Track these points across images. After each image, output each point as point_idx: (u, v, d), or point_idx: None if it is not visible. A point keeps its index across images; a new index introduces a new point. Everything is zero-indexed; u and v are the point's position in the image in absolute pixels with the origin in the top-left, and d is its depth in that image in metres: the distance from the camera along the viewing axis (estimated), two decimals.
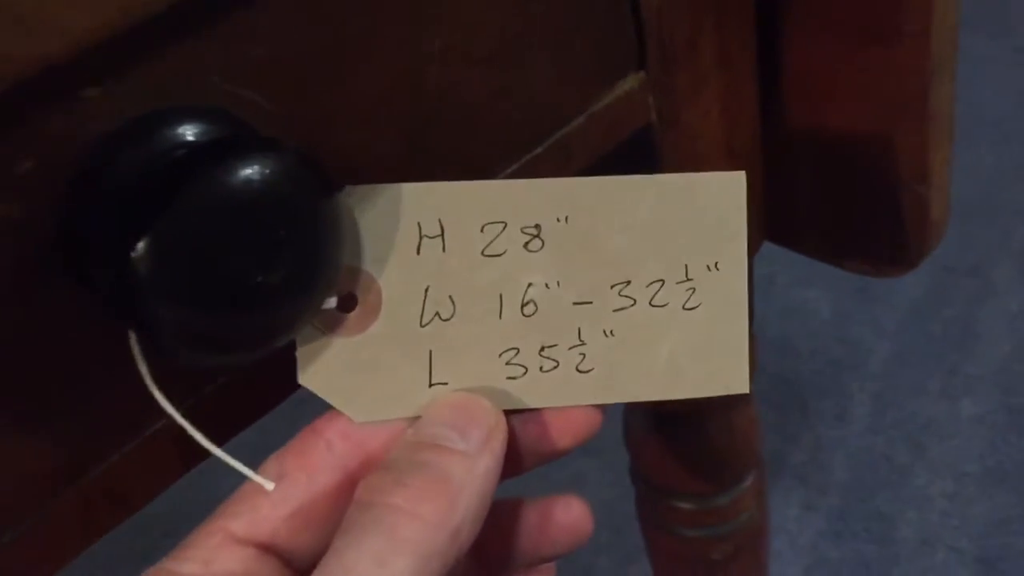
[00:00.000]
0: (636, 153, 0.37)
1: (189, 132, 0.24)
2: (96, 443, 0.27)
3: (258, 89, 0.26)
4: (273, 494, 0.28)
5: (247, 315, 0.24)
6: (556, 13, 0.32)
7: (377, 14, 0.27)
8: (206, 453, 0.28)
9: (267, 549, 0.28)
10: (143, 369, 0.25)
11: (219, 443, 0.29)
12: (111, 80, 0.23)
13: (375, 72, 0.28)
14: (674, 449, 0.55)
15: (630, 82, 0.36)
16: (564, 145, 0.34)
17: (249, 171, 0.23)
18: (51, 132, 0.23)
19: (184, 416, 0.27)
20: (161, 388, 0.27)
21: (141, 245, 0.22)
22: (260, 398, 0.30)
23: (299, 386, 0.29)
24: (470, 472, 0.27)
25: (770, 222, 0.46)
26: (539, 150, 0.34)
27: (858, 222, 0.44)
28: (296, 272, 0.24)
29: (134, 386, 0.26)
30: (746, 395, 0.54)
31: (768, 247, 0.47)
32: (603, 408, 0.31)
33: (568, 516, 0.32)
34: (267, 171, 0.23)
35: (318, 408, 0.29)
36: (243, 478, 0.28)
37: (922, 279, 1.17)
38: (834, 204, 0.44)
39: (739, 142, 0.40)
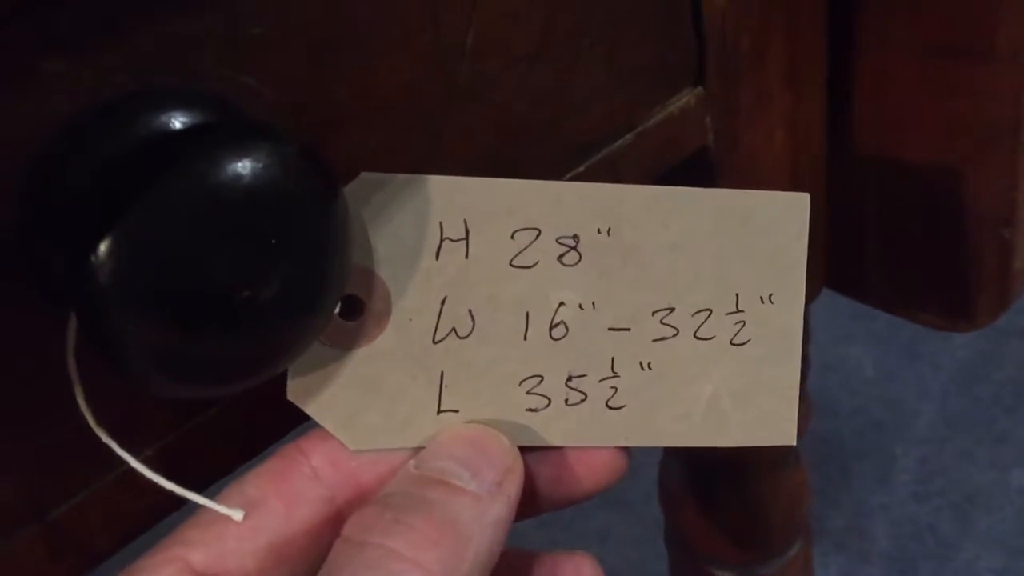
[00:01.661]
0: (689, 178, 0.34)
1: (171, 118, 0.21)
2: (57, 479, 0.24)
3: (258, 74, 0.22)
4: (243, 524, 0.25)
5: (229, 337, 0.20)
6: (609, 12, 0.29)
7: None
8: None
9: None
10: (80, 396, 0.21)
11: (211, 479, 0.26)
12: (79, 52, 0.20)
13: (397, 63, 0.25)
14: (714, 511, 0.53)
15: (686, 98, 0.33)
16: (610, 163, 0.31)
17: (238, 163, 0.20)
18: (4, 111, 0.20)
19: (169, 449, 0.24)
20: (133, 418, 0.24)
21: (104, 247, 0.19)
22: (258, 430, 0.27)
23: (306, 418, 0.26)
24: (480, 518, 0.24)
25: (831, 266, 0.42)
26: (581, 168, 0.31)
27: (932, 268, 0.41)
28: (291, 288, 0.21)
29: (104, 413, 0.22)
30: (797, 454, 0.51)
31: None
32: (628, 451, 0.28)
33: None
34: (259, 164, 0.20)
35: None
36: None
37: (971, 339, 1.16)
38: (905, 247, 0.41)
39: (804, 170, 0.38)
